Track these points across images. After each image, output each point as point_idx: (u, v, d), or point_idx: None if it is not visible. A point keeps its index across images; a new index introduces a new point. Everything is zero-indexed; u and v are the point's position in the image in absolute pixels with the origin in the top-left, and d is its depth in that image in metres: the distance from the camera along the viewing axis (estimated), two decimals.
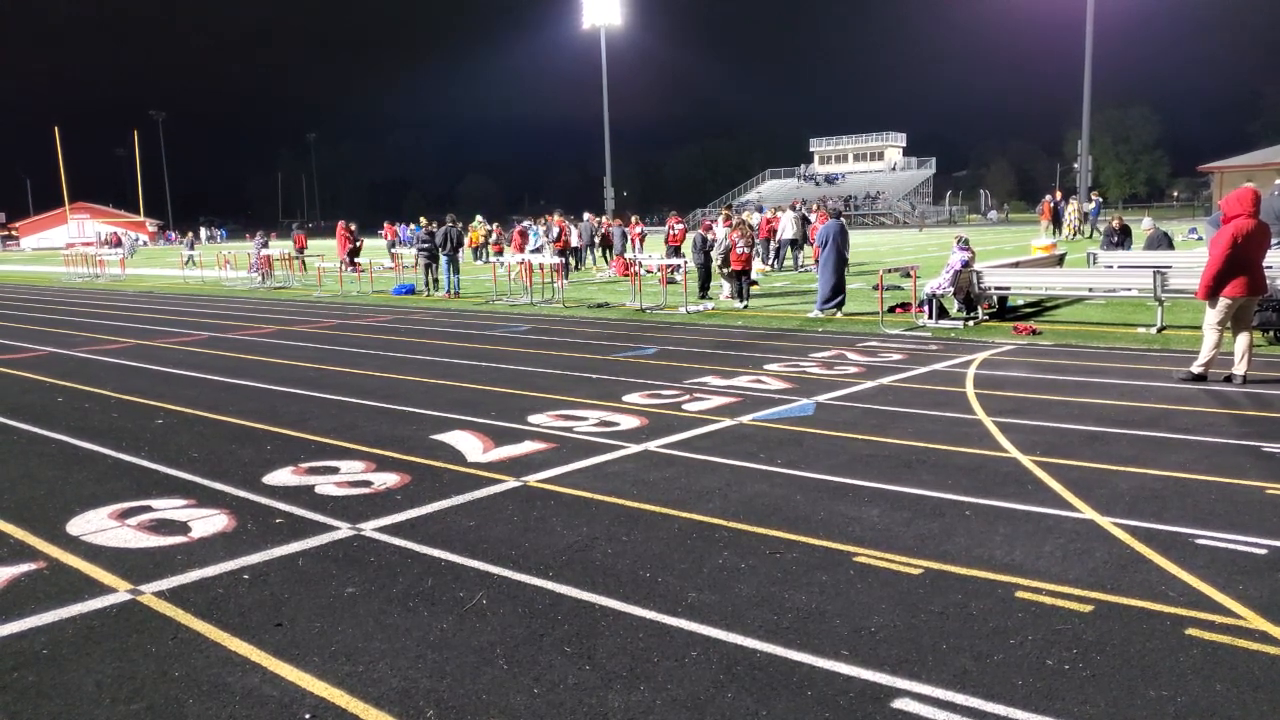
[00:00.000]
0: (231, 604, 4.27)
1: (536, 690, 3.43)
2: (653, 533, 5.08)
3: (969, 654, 3.61)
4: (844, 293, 15.26)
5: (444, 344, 13.14)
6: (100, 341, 14.55)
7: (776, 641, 3.76)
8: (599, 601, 4.19)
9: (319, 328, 15.74)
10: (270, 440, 7.44)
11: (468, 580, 4.49)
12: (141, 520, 5.46)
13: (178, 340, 14.45)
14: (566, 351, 12.06)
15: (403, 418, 8.19)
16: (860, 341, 12.19)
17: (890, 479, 5.96)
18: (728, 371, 10.09)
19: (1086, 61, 41.70)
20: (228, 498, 5.89)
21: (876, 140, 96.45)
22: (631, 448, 6.89)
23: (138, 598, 4.36)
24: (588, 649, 3.74)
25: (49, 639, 3.96)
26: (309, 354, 12.47)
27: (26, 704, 3.43)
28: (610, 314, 16.57)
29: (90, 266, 36.41)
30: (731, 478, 6.09)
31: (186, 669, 3.66)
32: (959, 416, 7.71)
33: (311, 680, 3.54)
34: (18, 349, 13.84)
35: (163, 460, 6.85)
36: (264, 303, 21.37)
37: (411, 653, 3.76)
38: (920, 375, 9.66)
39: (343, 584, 4.48)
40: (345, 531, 5.21)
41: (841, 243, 15.08)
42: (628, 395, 8.89)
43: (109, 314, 19.65)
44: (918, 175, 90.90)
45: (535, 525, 5.24)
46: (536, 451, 6.85)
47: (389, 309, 18.89)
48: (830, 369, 10.14)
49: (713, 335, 13.32)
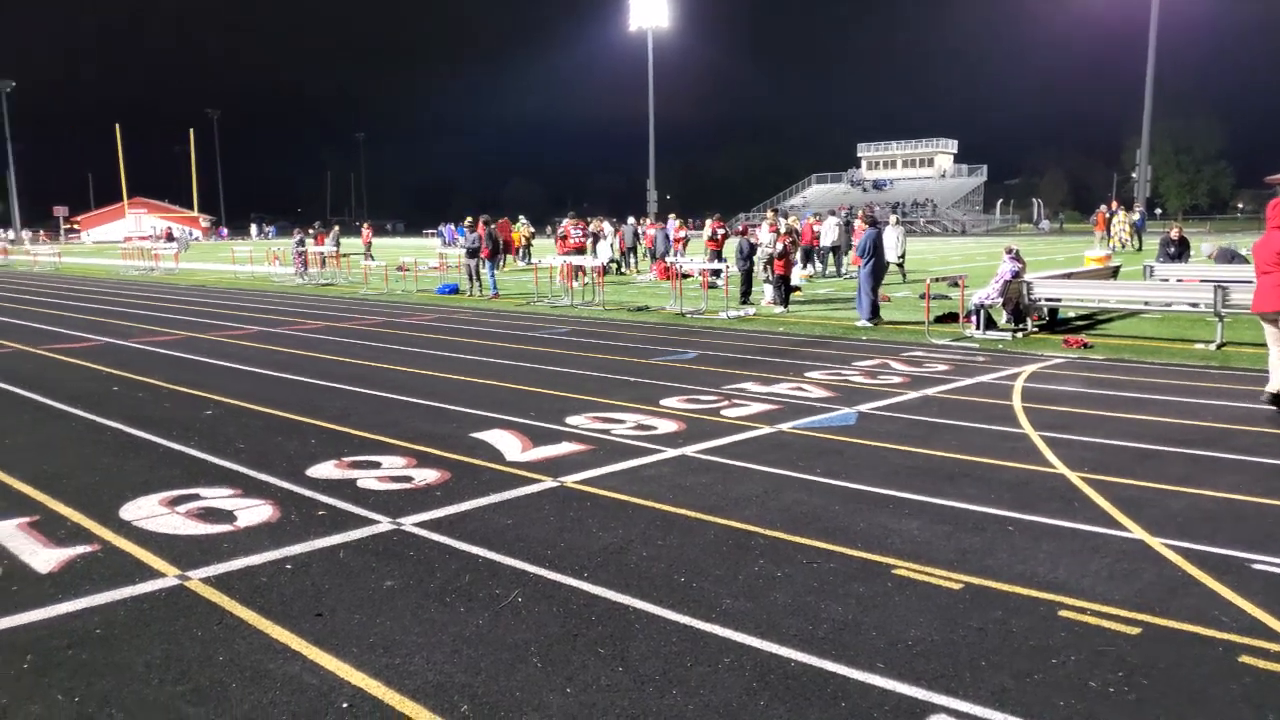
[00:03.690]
0: (274, 592, 4.35)
1: (569, 690, 3.44)
2: (688, 538, 5.08)
3: (1008, 672, 3.56)
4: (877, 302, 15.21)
5: (485, 344, 13.26)
6: (154, 333, 14.90)
7: (811, 651, 3.73)
8: (633, 604, 4.20)
9: (365, 325, 15.96)
10: (315, 434, 7.56)
11: (504, 578, 4.52)
12: (190, 508, 5.59)
13: (228, 334, 14.75)
14: (605, 354, 12.10)
15: (443, 415, 8.28)
16: (905, 351, 12.07)
17: (932, 491, 5.89)
18: (768, 378, 10.05)
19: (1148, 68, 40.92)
20: (273, 489, 6.00)
21: (926, 146, 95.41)
22: (669, 452, 6.89)
23: (185, 583, 4.46)
24: (621, 651, 3.75)
25: (102, 619, 4.07)
26: (354, 350, 12.65)
27: (80, 681, 3.53)
28: (650, 317, 16.59)
29: (146, 260, 37.32)
30: (769, 485, 6.06)
31: (230, 654, 3.74)
32: (1005, 430, 7.60)
33: (350, 670, 3.59)
34: (77, 339, 14.23)
35: (211, 450, 6.99)
36: (312, 299, 21.73)
37: (447, 647, 3.80)
38: (966, 387, 9.54)
39: (382, 577, 4.54)
40: (386, 525, 5.28)
41: (880, 250, 15.00)
42: (666, 399, 8.89)
43: (163, 306, 20.10)
44: (968, 183, 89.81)
45: (571, 526, 5.27)
46: (574, 453, 6.88)
47: (433, 308, 19.09)
48: (874, 378, 10.05)
49: (753, 341, 13.27)
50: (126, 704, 3.37)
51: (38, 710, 3.33)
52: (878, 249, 14.93)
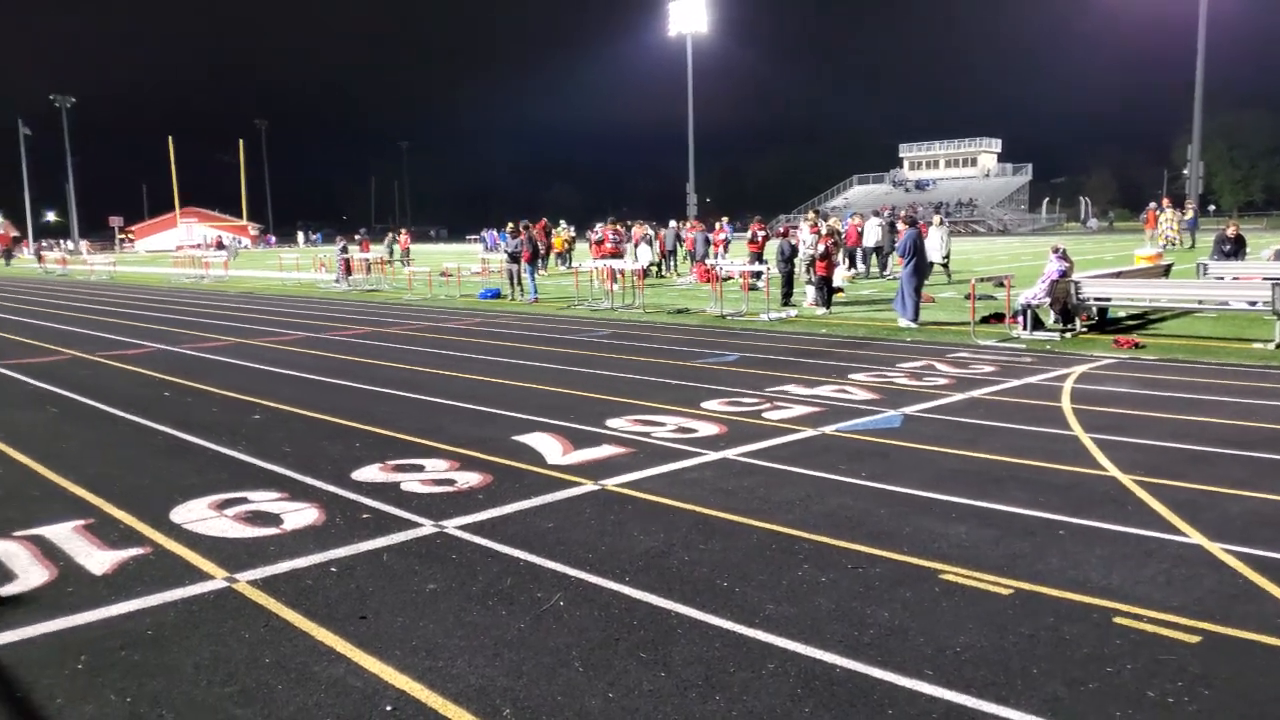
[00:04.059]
0: (319, 595, 4.39)
1: (611, 695, 3.42)
2: (731, 542, 5.04)
3: (1061, 680, 3.47)
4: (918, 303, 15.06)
5: (526, 347, 13.32)
6: (204, 339, 15.19)
7: (856, 658, 3.68)
8: (675, 609, 4.17)
9: (408, 330, 16.12)
10: (360, 438, 7.64)
11: (545, 581, 4.52)
12: (238, 511, 5.67)
13: (275, 339, 14.99)
14: (645, 357, 12.08)
15: (485, 419, 8.32)
16: (950, 352, 11.89)
17: (979, 495, 5.78)
18: (811, 380, 9.96)
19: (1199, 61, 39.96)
20: (318, 492, 6.07)
21: (969, 145, 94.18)
22: (710, 455, 6.85)
23: (233, 585, 4.52)
24: (663, 656, 3.72)
25: (153, 621, 4.14)
26: (398, 355, 12.78)
27: (132, 681, 3.59)
28: (690, 320, 16.55)
29: (197, 268, 38.10)
30: (813, 489, 5.99)
31: (277, 655, 3.78)
32: (1054, 432, 7.44)
33: (393, 673, 3.61)
34: (130, 345, 14.56)
35: (259, 454, 7.10)
36: (357, 305, 22.01)
37: (489, 650, 3.80)
38: (1013, 388, 9.37)
39: (425, 580, 4.56)
40: (429, 529, 5.31)
41: (921, 251, 14.85)
42: (707, 402, 8.85)
43: (212, 313, 20.50)
44: (1013, 182, 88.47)
45: (613, 529, 5.26)
46: (615, 456, 6.87)
47: (475, 313, 19.23)
48: (918, 380, 9.91)
49: (795, 343, 13.17)
50: (176, 704, 3.42)
51: (91, 710, 3.39)
52: (919, 249, 14.76)
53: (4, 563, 4.87)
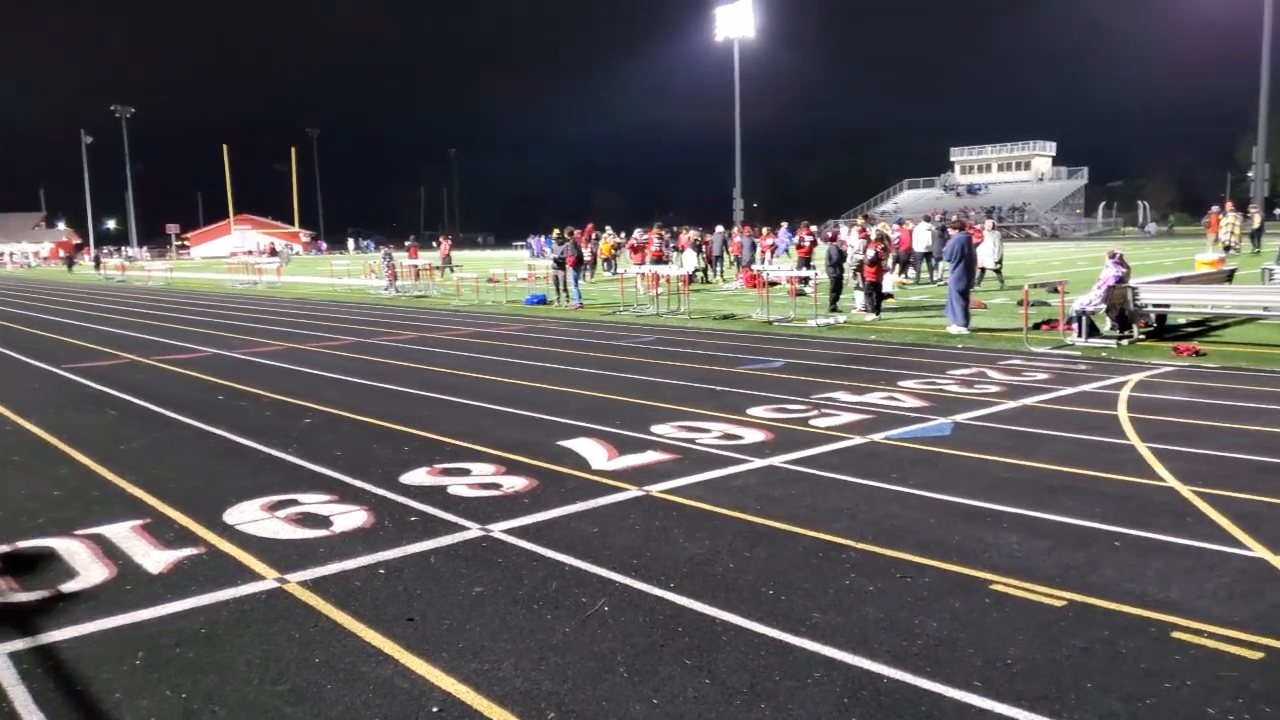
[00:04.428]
0: (368, 597, 4.45)
1: (656, 701, 3.41)
2: (777, 549, 5.00)
3: (1116, 695, 3.38)
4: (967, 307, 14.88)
5: (571, 353, 13.37)
6: (256, 344, 15.50)
7: (904, 668, 3.62)
8: (720, 616, 4.15)
9: (455, 335, 16.29)
10: (408, 441, 7.73)
11: (590, 586, 4.52)
12: (289, 513, 5.77)
13: (326, 344, 15.24)
14: (691, 363, 12.06)
15: (531, 423, 8.37)
16: (1002, 359, 11.69)
17: (1032, 504, 5.67)
18: (859, 387, 9.86)
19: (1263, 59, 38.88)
20: (367, 495, 6.15)
21: (1023, 149, 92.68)
22: (756, 462, 6.81)
23: (284, 585, 4.60)
24: (708, 663, 3.70)
25: (206, 619, 4.23)
26: (445, 360, 12.92)
27: (186, 678, 3.67)
28: (736, 326, 16.49)
29: (250, 274, 38.93)
30: (861, 497, 5.93)
31: (326, 656, 3.84)
32: (1110, 441, 7.27)
33: (439, 675, 3.64)
34: (186, 350, 14.91)
35: (309, 457, 7.22)
36: (405, 311, 22.30)
37: (535, 654, 3.81)
38: (1067, 396, 9.18)
39: (471, 583, 4.59)
40: (475, 532, 5.35)
41: (970, 256, 14.68)
42: (753, 408, 8.80)
43: (265, 318, 20.92)
44: (1067, 186, 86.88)
45: (657, 535, 5.25)
46: (659, 462, 6.86)
47: (521, 318, 19.37)
48: (969, 387, 9.76)
49: (843, 349, 13.05)
50: (229, 702, 3.48)
51: (147, 705, 3.47)
52: (965, 254, 14.58)
53: (66, 560, 5.01)
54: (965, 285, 14.60)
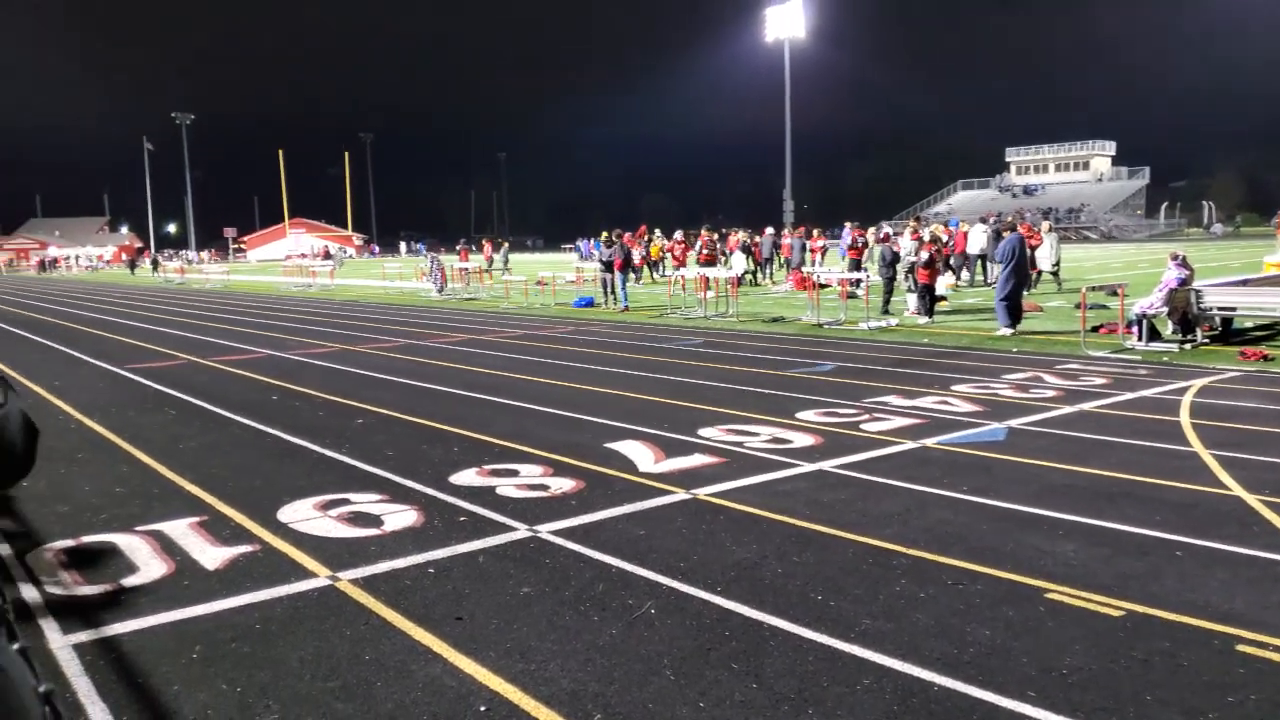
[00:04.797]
0: (417, 595, 4.50)
1: (703, 704, 3.40)
2: (825, 555, 4.95)
3: (1177, 708, 3.28)
4: (1020, 310, 14.67)
5: (619, 355, 13.39)
6: (310, 346, 15.79)
7: (956, 676, 3.56)
8: (768, 621, 4.12)
9: (504, 337, 16.42)
10: (457, 442, 7.81)
11: (637, 588, 4.52)
12: (341, 512, 5.86)
13: (377, 346, 15.47)
14: (739, 366, 12.00)
15: (578, 425, 8.40)
16: (1059, 363, 11.45)
17: (1089, 512, 5.54)
18: (911, 391, 9.72)
19: None
20: (417, 495, 6.22)
21: (1081, 149, 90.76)
22: (805, 466, 6.75)
23: (335, 583, 4.67)
24: (755, 667, 3.67)
25: (261, 615, 4.31)
26: (494, 362, 13.02)
27: (242, 673, 3.74)
28: (786, 329, 16.37)
29: (304, 277, 39.66)
30: (912, 502, 5.84)
31: (376, 653, 3.88)
32: (1171, 448, 7.08)
33: (487, 674, 3.67)
34: (241, 351, 15.24)
35: (361, 457, 7.32)
36: (455, 313, 22.53)
37: (581, 656, 3.82)
38: (1127, 401, 8.95)
39: (519, 583, 4.62)
40: (523, 532, 5.38)
41: (1022, 257, 14.49)
42: (802, 412, 8.73)
43: (319, 320, 21.29)
44: (1128, 186, 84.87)
45: (704, 539, 5.22)
46: (706, 465, 6.83)
47: (569, 321, 19.45)
48: (1025, 392, 9.57)
49: (895, 352, 12.89)
50: (282, 697, 3.54)
51: (204, 698, 3.55)
52: (1015, 256, 14.40)
53: (128, 555, 5.14)
54: (1015, 287, 14.42)
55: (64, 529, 5.64)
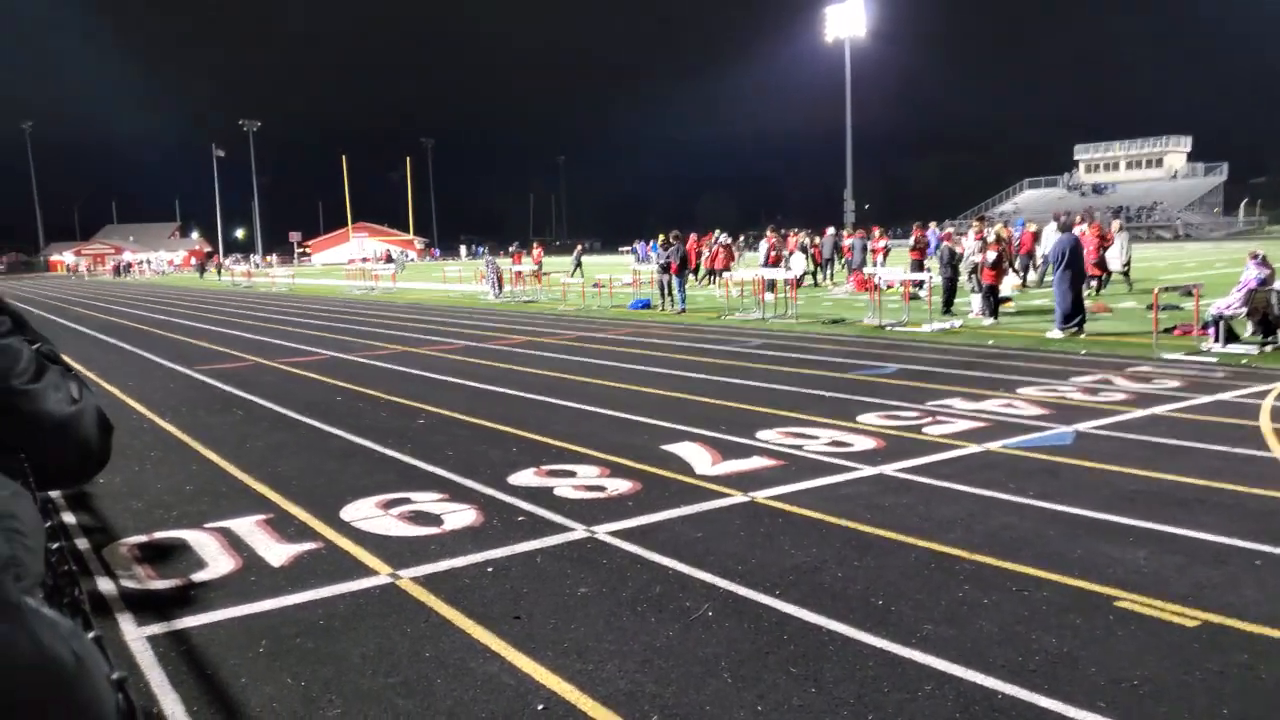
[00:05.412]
0: (476, 594, 4.54)
1: (760, 708, 3.37)
2: (886, 559, 4.87)
3: None
4: (1083, 312, 14.30)
5: (676, 357, 13.37)
6: (373, 348, 16.07)
7: (1021, 684, 3.47)
8: (827, 625, 4.07)
9: (562, 339, 16.52)
10: (516, 443, 7.87)
11: (694, 591, 4.50)
12: (402, 511, 5.95)
13: (439, 348, 15.68)
14: (798, 368, 11.89)
15: (635, 427, 8.40)
16: (1130, 366, 11.12)
17: (1161, 518, 5.36)
18: (975, 394, 9.53)
19: None
20: (477, 494, 6.28)
21: (1154, 145, 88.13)
22: (866, 470, 6.66)
23: (397, 581, 4.74)
24: (814, 672, 3.63)
25: (324, 611, 4.40)
26: (552, 364, 13.11)
27: (305, 668, 3.82)
28: (846, 330, 16.18)
29: (367, 280, 40.42)
30: (976, 507, 5.72)
31: (436, 650, 3.93)
32: (1250, 453, 6.82)
33: (545, 673, 3.68)
34: (307, 353, 15.58)
35: (422, 457, 7.43)
36: (514, 315, 22.75)
37: (638, 656, 3.81)
38: (1202, 405, 8.65)
39: (576, 583, 4.64)
40: (580, 533, 5.40)
41: (1077, 258, 14.20)
42: (863, 415, 8.61)
43: (381, 323, 21.67)
44: (1204, 183, 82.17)
45: (763, 542, 5.18)
46: (765, 468, 6.78)
47: (626, 323, 19.50)
48: (1093, 395, 9.31)
49: (959, 354, 12.65)
50: (345, 692, 3.61)
51: (270, 691, 3.63)
52: (1075, 256, 14.11)
53: (197, 551, 5.29)
54: (1071, 289, 14.11)
55: (138, 525, 5.83)
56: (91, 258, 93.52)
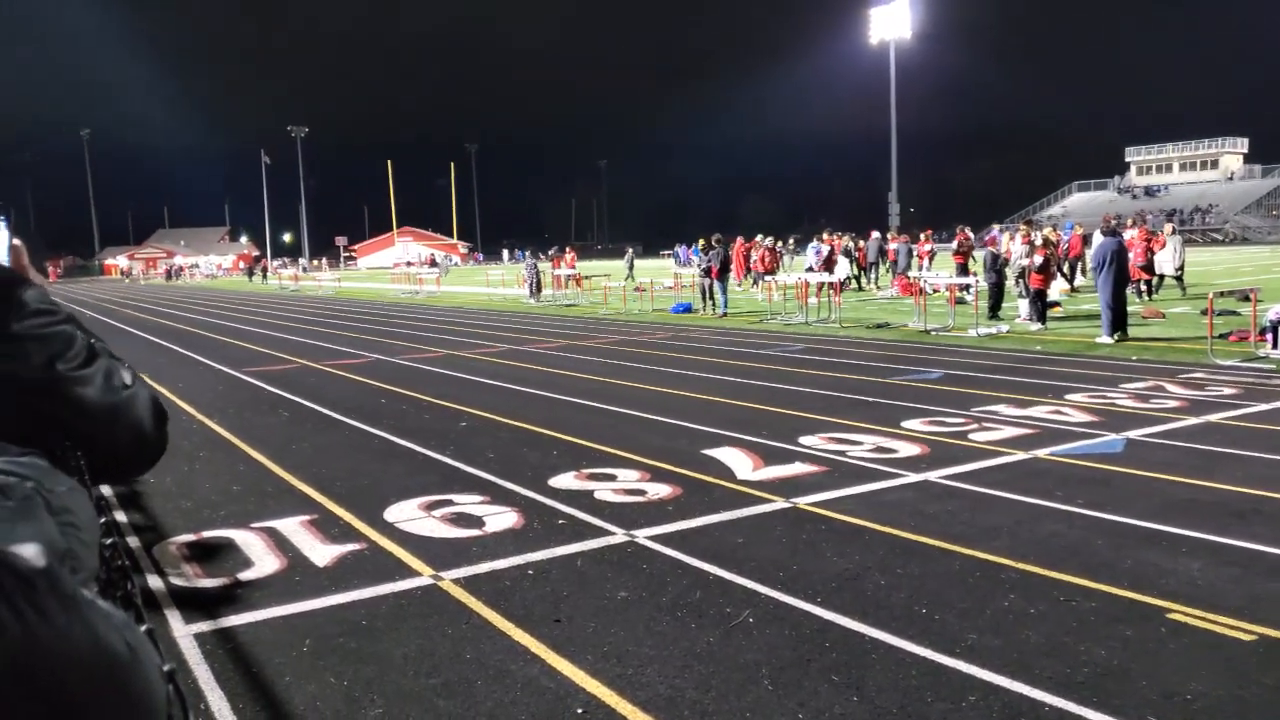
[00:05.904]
0: (517, 597, 4.56)
1: (801, 715, 3.33)
2: (930, 567, 4.80)
3: None
4: (1125, 316, 13.99)
5: (717, 361, 13.33)
6: (417, 350, 16.24)
7: (1069, 696, 3.39)
8: (869, 633, 4.02)
9: (603, 343, 16.55)
10: (556, 446, 7.90)
11: (734, 597, 4.48)
12: (444, 513, 5.99)
13: (481, 351, 15.80)
14: (842, 373, 11.79)
15: (676, 431, 8.38)
16: (1183, 372, 10.86)
17: (1216, 529, 5.22)
18: (1022, 400, 9.37)
19: None
20: (518, 497, 6.31)
21: (1209, 146, 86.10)
22: (910, 476, 6.57)
23: (438, 582, 4.78)
24: (856, 680, 3.59)
25: (367, 612, 4.44)
26: (593, 368, 13.14)
27: (348, 667, 3.86)
28: (891, 335, 16.01)
29: (412, 284, 40.88)
30: (1022, 515, 5.62)
31: (477, 652, 3.95)
32: None
33: (584, 677, 3.68)
34: (352, 355, 15.80)
35: (464, 459, 7.48)
36: (555, 319, 22.85)
37: (678, 662, 3.80)
38: (1259, 413, 8.42)
39: (616, 587, 4.63)
40: (620, 537, 5.40)
41: (1121, 262, 13.94)
42: (907, 421, 8.50)
43: (425, 326, 21.90)
44: (1261, 185, 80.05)
45: (804, 548, 5.14)
46: (807, 474, 6.72)
47: (667, 327, 19.48)
48: (1145, 401, 9.11)
49: (1006, 360, 12.45)
50: (387, 692, 3.64)
51: (313, 690, 3.68)
52: (1110, 261, 13.84)
53: (244, 550, 5.38)
54: (1115, 292, 13.85)
55: (186, 524, 5.94)
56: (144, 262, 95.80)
